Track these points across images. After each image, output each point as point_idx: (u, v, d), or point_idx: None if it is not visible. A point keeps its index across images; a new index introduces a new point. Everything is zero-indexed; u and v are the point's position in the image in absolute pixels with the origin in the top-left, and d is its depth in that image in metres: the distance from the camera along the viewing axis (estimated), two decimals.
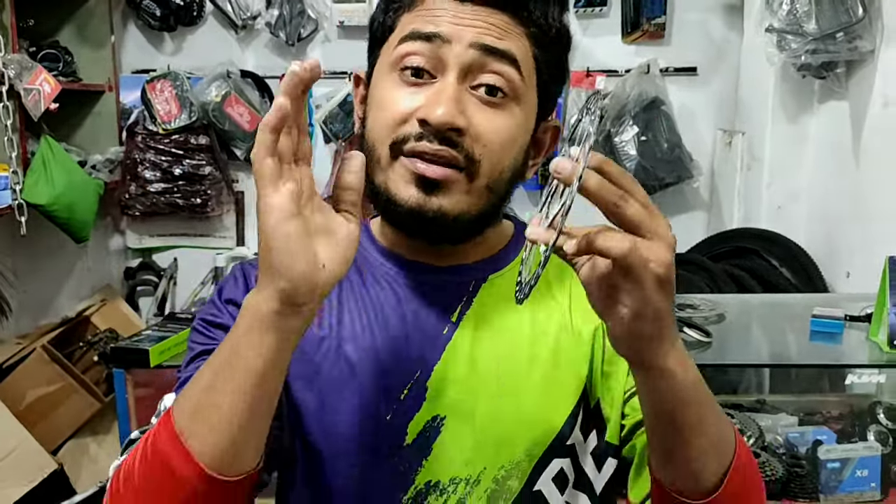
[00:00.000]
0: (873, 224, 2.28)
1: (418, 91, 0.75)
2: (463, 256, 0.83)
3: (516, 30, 0.75)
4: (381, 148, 0.76)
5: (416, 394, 0.78)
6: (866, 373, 1.83)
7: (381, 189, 0.77)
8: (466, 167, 0.74)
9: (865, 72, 2.32)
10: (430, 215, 0.74)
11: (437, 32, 0.74)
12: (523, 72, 0.76)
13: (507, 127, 0.75)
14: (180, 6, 3.16)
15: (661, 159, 2.98)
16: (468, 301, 0.82)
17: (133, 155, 3.15)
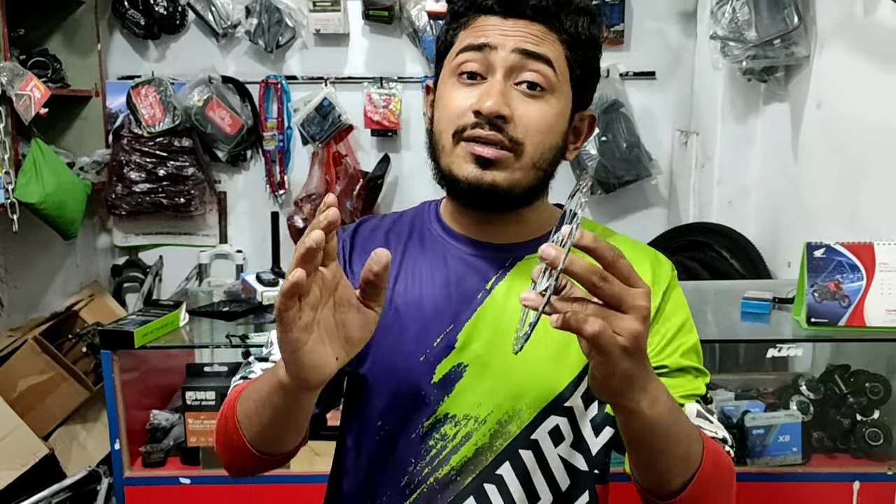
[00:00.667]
0: (811, 216, 2.44)
1: (473, 90, 0.92)
2: (506, 236, 0.99)
3: (551, 37, 0.92)
4: (445, 136, 0.93)
5: (446, 343, 0.95)
6: (794, 349, 1.99)
7: (445, 170, 0.94)
8: (513, 148, 0.90)
9: (802, 76, 2.49)
10: (485, 187, 0.91)
11: (486, 42, 0.91)
12: (557, 70, 0.92)
13: (544, 114, 0.92)
14: (163, 15, 3.30)
15: (620, 158, 3.14)
16: (503, 274, 0.97)
17: (119, 157, 3.28)
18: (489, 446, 0.95)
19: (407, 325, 0.96)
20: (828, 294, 1.78)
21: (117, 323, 1.84)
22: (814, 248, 1.81)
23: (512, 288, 0.96)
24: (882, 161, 2.04)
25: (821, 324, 1.77)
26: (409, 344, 0.96)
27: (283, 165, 3.46)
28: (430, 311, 0.96)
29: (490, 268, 0.98)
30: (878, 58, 2.08)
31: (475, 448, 0.95)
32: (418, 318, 0.96)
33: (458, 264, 0.99)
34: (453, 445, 0.95)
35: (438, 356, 0.95)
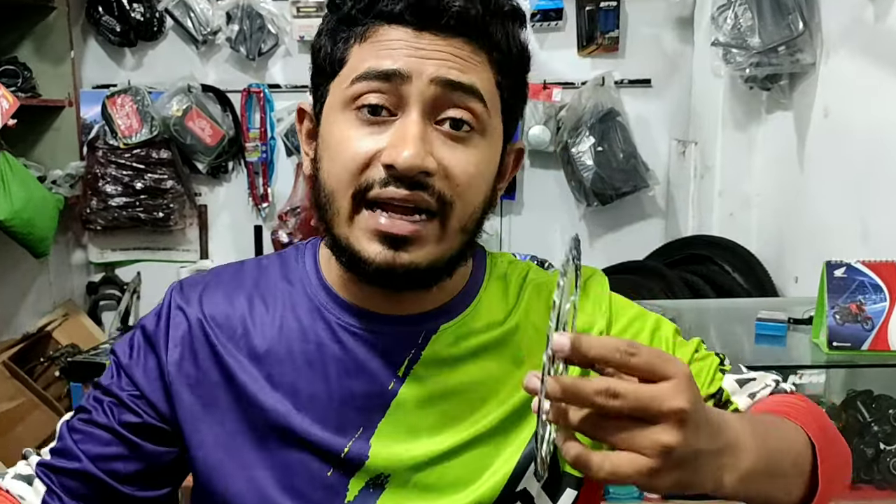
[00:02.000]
0: (819, 229, 2.36)
1: (378, 130, 0.69)
2: (415, 305, 0.77)
3: (478, 58, 0.71)
4: (341, 199, 0.71)
5: (357, 451, 0.75)
6: (810, 373, 1.90)
7: (342, 242, 0.72)
8: (438, 210, 0.70)
9: (807, 83, 2.41)
10: (400, 271, 0.70)
11: (395, 70, 0.68)
12: (488, 103, 0.72)
13: (475, 162, 0.71)
14: (140, 22, 3.17)
15: (616, 169, 3.05)
16: (416, 355, 0.76)
17: (94, 170, 3.15)
18: None
19: (303, 434, 0.74)
20: (850, 316, 1.68)
21: (89, 353, 1.71)
22: (834, 268, 1.71)
23: (430, 370, 0.76)
24: (893, 174, 1.96)
25: (843, 348, 1.68)
26: (309, 459, 0.74)
27: (267, 177, 3.33)
28: (332, 414, 0.75)
29: (398, 349, 0.76)
30: (889, 65, 2.00)
31: None
32: (317, 427, 0.74)
33: (358, 346, 0.76)
34: None
35: (350, 469, 0.74)
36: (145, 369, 0.77)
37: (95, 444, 0.75)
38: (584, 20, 3.15)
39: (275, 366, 0.76)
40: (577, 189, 3.15)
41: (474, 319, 0.79)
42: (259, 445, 0.76)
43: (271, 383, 0.76)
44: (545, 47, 3.21)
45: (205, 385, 0.76)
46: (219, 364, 0.77)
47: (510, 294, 0.82)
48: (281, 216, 3.28)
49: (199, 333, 0.77)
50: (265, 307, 0.78)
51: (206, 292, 0.80)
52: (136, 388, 0.77)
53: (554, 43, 3.21)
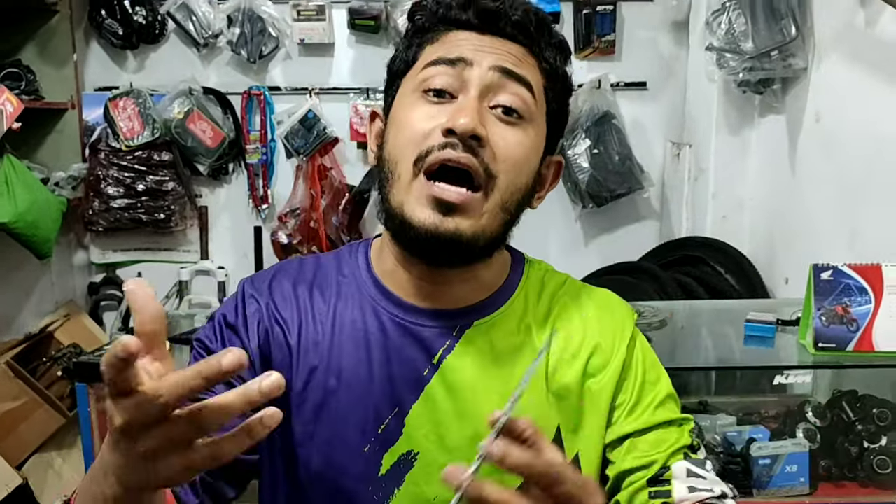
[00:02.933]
0: (810, 232, 2.39)
1: (441, 108, 0.79)
2: (454, 299, 0.86)
3: (529, 60, 0.83)
4: (403, 164, 0.79)
5: (393, 428, 0.82)
6: (797, 373, 1.93)
7: (396, 210, 0.79)
8: (484, 183, 0.78)
9: (799, 88, 2.44)
10: (446, 237, 0.77)
11: (461, 56, 0.80)
12: (536, 97, 0.82)
13: (521, 143, 0.81)
14: (142, 25, 3.19)
15: (612, 171, 3.08)
16: (450, 346, 0.84)
17: (96, 171, 3.18)
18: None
19: (344, 412, 0.83)
20: (835, 318, 1.72)
21: (94, 354, 1.74)
22: (820, 270, 1.75)
23: (463, 361, 0.84)
24: (884, 177, 2.00)
25: (829, 349, 1.71)
26: (348, 434, 0.83)
27: (267, 179, 3.36)
28: (373, 396, 0.83)
29: (436, 338, 0.84)
30: (879, 70, 2.03)
31: None
32: (359, 406, 0.83)
33: (400, 334, 0.85)
34: None
35: (384, 445, 0.83)
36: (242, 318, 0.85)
37: None
38: (581, 23, 3.18)
39: (327, 349, 0.84)
40: (573, 191, 3.18)
41: (506, 320, 0.87)
42: (307, 420, 0.83)
43: (323, 364, 0.84)
44: None
45: (276, 364, 0.84)
46: (286, 343, 0.85)
47: (543, 301, 0.89)
48: (280, 217, 3.32)
49: (270, 317, 0.86)
50: (322, 297, 0.87)
51: (274, 282, 0.89)
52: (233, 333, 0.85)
53: None
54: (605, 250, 3.31)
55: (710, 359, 1.97)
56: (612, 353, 0.88)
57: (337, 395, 0.83)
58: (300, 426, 0.84)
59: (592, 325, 0.89)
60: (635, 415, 0.86)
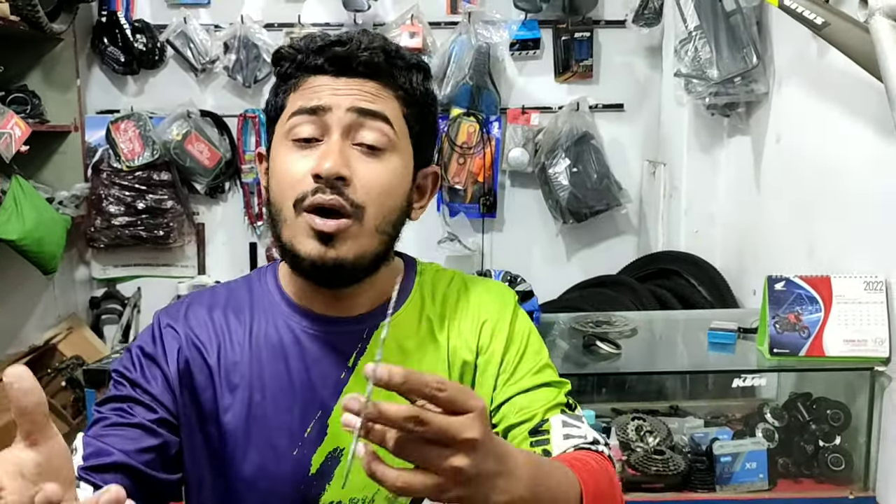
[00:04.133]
0: (773, 247, 2.52)
1: (309, 153, 0.87)
2: (357, 307, 0.94)
3: (385, 93, 0.89)
4: (286, 207, 0.87)
5: (318, 430, 0.90)
6: (756, 377, 2.07)
7: (287, 245, 0.88)
8: (354, 213, 0.86)
9: (762, 112, 2.59)
10: (330, 264, 0.86)
11: (319, 105, 0.87)
12: (395, 127, 0.89)
13: (385, 173, 0.88)
14: (143, 51, 3.33)
15: (591, 189, 3.23)
16: (362, 348, 0.93)
17: (98, 191, 3.30)
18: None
19: (272, 421, 0.91)
20: (788, 325, 1.86)
21: (101, 362, 1.87)
22: (774, 281, 1.89)
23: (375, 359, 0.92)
24: (836, 195, 2.12)
25: (783, 354, 1.85)
26: (278, 441, 0.90)
27: (261, 197, 3.49)
28: (295, 402, 0.91)
29: (348, 343, 0.93)
30: (830, 96, 2.17)
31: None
32: (283, 412, 0.91)
33: (314, 345, 0.93)
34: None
35: (312, 446, 0.91)
36: (153, 377, 0.90)
37: (122, 440, 0.85)
38: (560, 49, 3.34)
39: (247, 365, 0.92)
40: (554, 207, 3.33)
41: (407, 319, 0.96)
42: (235, 433, 0.90)
43: (245, 380, 0.91)
44: (523, 74, 3.40)
45: (199, 389, 0.91)
46: (206, 365, 0.92)
47: (437, 297, 0.99)
48: None
49: (188, 343, 0.93)
50: (237, 318, 0.95)
51: (189, 310, 0.96)
52: (145, 392, 0.89)
53: (532, 70, 3.40)
54: (585, 264, 3.44)
55: (676, 364, 2.11)
56: (497, 327, 0.97)
57: (262, 407, 0.90)
58: (229, 440, 0.90)
59: (480, 308, 0.98)
60: (516, 377, 0.94)
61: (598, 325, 2.16)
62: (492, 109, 3.30)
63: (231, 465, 0.91)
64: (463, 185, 3.34)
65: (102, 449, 0.83)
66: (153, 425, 0.88)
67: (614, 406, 2.17)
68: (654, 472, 1.87)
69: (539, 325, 2.08)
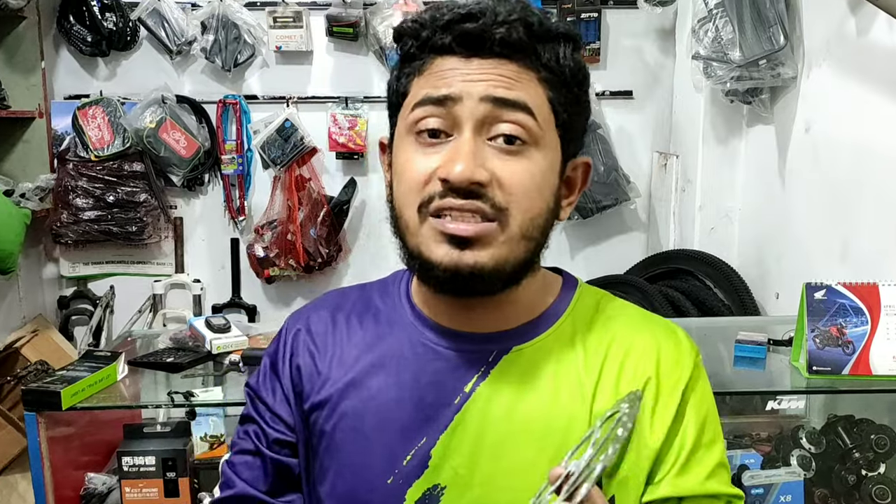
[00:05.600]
0: (800, 245, 2.33)
1: (437, 151, 0.75)
2: (491, 323, 0.82)
3: (526, 76, 0.75)
4: (408, 212, 0.76)
5: (418, 461, 0.79)
6: (793, 400, 1.86)
7: (414, 252, 0.77)
8: (496, 217, 0.74)
9: (788, 98, 2.38)
10: (466, 272, 0.74)
11: (448, 94, 0.74)
12: (538, 117, 0.75)
13: (530, 172, 0.75)
14: (112, 31, 3.10)
15: (598, 182, 3.01)
16: (485, 372, 0.80)
17: (64, 182, 3.08)
18: None
19: (371, 439, 0.80)
20: (830, 340, 1.64)
21: (43, 382, 1.64)
22: (813, 290, 1.67)
23: (496, 390, 0.79)
24: (875, 188, 1.94)
25: (823, 372, 1.64)
26: (373, 463, 0.79)
27: (243, 190, 3.27)
28: (399, 422, 0.80)
29: (470, 365, 0.80)
30: (870, 79, 1.97)
31: None
32: (384, 431, 0.80)
33: (432, 360, 0.81)
34: None
35: (409, 478, 0.78)
36: (273, 390, 0.87)
37: (245, 467, 0.86)
38: None
39: (359, 372, 0.83)
40: None
41: (550, 346, 0.81)
42: (335, 444, 0.82)
43: (354, 387, 0.82)
44: None
45: (306, 393, 0.85)
46: (316, 370, 0.85)
47: (596, 327, 0.82)
48: (257, 230, 3.23)
49: (304, 347, 0.87)
50: (359, 323, 0.87)
51: (313, 312, 0.90)
52: (268, 409, 0.87)
53: None
54: (591, 263, 3.24)
55: None
56: (667, 393, 0.79)
57: (364, 419, 0.81)
58: (328, 453, 0.83)
59: (648, 357, 0.81)
60: (683, 478, 0.78)
61: None
62: None
63: (323, 482, 0.83)
64: None
65: (230, 479, 0.87)
66: (269, 450, 0.86)
67: None
68: None
69: None
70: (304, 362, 0.86)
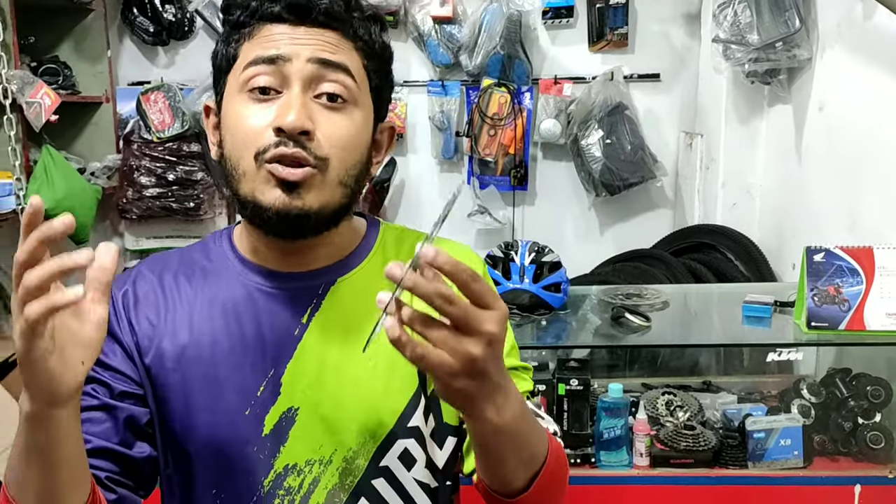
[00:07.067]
0: (815, 218, 2.45)
1: (268, 106, 0.83)
2: (313, 261, 0.91)
3: (346, 45, 0.86)
4: (245, 160, 0.83)
5: (271, 389, 0.87)
6: (793, 352, 2.00)
7: (247, 198, 0.84)
8: (318, 165, 0.83)
9: (804, 78, 2.50)
10: (294, 212, 0.83)
11: (278, 54, 0.83)
12: (357, 79, 0.86)
13: (348, 126, 0.85)
14: (172, 22, 3.33)
15: (624, 161, 3.15)
16: (317, 304, 0.90)
17: (129, 162, 3.32)
18: (340, 486, 0.89)
19: (223, 379, 0.87)
20: (827, 298, 1.79)
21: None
22: (813, 253, 1.82)
23: (329, 318, 0.90)
24: (882, 165, 2.05)
25: (821, 328, 1.79)
26: (229, 400, 0.87)
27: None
28: (247, 359, 0.88)
29: (301, 300, 0.90)
30: (877, 61, 2.09)
31: (326, 492, 0.89)
32: (235, 369, 0.88)
33: (267, 301, 0.90)
34: (301, 496, 0.88)
35: (265, 405, 0.87)
36: (111, 351, 0.89)
37: (93, 424, 0.85)
38: (595, 17, 3.25)
39: (196, 325, 0.89)
40: (587, 180, 3.26)
41: (367, 274, 0.93)
42: (185, 394, 0.88)
43: (194, 339, 0.88)
44: (556, 43, 3.33)
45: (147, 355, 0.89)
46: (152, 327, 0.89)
47: (402, 254, 0.95)
48: None
49: (136, 310, 0.90)
50: (188, 282, 0.92)
51: (138, 278, 0.93)
52: (106, 368, 0.88)
53: (565, 39, 3.32)
54: (618, 238, 3.38)
55: (709, 337, 2.05)
56: None
57: (212, 365, 0.87)
58: (179, 401, 0.88)
59: None
60: None
61: (628, 297, 2.11)
62: (523, 80, 3.24)
63: (185, 429, 0.88)
64: (494, 157, 3.29)
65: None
66: (116, 401, 0.86)
67: (644, 381, 2.12)
68: (683, 448, 1.82)
69: (567, 297, 2.03)
70: (138, 320, 0.89)
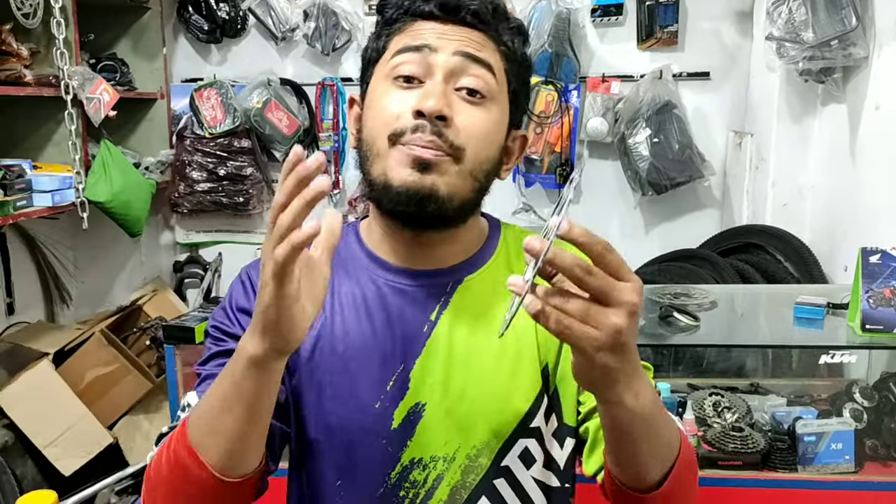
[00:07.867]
0: (869, 220, 2.40)
1: (410, 93, 0.87)
2: (441, 260, 0.94)
3: (489, 45, 0.90)
4: (379, 141, 0.87)
5: (400, 384, 0.90)
6: (846, 355, 1.97)
7: (378, 177, 0.87)
8: (453, 153, 0.85)
9: (860, 77, 2.45)
10: (424, 192, 0.84)
11: (426, 44, 0.88)
12: (497, 78, 0.90)
13: (485, 121, 0.88)
14: (226, 20, 3.40)
15: (672, 160, 3.12)
16: (445, 301, 0.92)
17: (182, 157, 3.40)
18: (462, 483, 0.90)
19: (355, 372, 0.90)
20: (883, 300, 1.76)
21: (180, 319, 1.92)
22: (869, 254, 1.79)
23: (457, 316, 0.92)
24: None
25: (875, 330, 1.76)
26: (360, 393, 0.90)
27: (338, 165, 3.53)
28: (377, 354, 0.91)
29: (430, 297, 0.93)
30: None
31: (449, 489, 0.90)
32: (366, 362, 0.90)
33: (397, 297, 0.92)
34: (426, 491, 0.90)
35: (394, 400, 0.90)
36: (253, 299, 0.90)
37: None
38: (644, 15, 3.23)
39: (329, 319, 0.92)
40: (633, 179, 3.24)
41: (493, 273, 0.95)
42: (319, 385, 0.91)
43: (327, 332, 0.91)
44: (605, 41, 3.31)
45: None
46: None
47: (522, 253, 0.96)
48: (351, 202, 3.48)
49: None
50: None
51: None
52: (247, 315, 0.90)
53: (614, 37, 3.30)
54: (665, 238, 3.35)
55: (759, 338, 2.03)
56: None
57: (345, 358, 0.90)
58: (311, 391, 0.91)
59: None
60: None
61: (676, 296, 2.09)
62: (571, 78, 3.23)
63: (316, 418, 0.90)
64: (539, 155, 3.29)
65: None
66: None
67: (690, 381, 2.11)
68: (731, 450, 1.81)
69: None
70: None
